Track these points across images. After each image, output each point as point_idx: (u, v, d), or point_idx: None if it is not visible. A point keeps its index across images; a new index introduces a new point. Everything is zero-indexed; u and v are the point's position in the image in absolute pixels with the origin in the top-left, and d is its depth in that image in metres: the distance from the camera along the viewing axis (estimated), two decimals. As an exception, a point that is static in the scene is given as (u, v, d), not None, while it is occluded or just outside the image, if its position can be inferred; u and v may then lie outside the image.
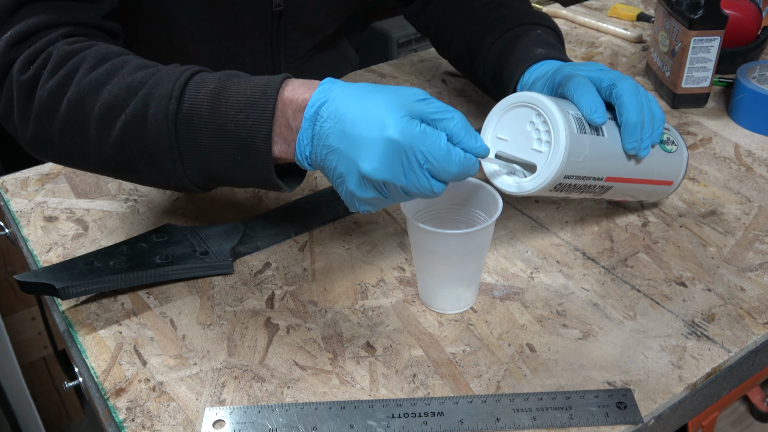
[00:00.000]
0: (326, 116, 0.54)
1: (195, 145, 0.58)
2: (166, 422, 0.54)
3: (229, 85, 0.57)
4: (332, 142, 0.54)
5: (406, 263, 0.68)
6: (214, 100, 0.57)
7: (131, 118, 0.58)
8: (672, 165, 0.70)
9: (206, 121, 0.57)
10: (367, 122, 0.53)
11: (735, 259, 0.68)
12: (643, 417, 0.53)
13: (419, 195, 0.54)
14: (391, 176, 0.53)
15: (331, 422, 0.53)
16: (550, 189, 0.61)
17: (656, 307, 0.63)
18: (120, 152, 0.60)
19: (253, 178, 0.59)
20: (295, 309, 0.64)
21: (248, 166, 0.57)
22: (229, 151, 0.57)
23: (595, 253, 0.69)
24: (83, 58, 0.61)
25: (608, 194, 0.67)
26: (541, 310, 0.63)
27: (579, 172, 0.61)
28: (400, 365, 0.58)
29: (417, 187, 0.53)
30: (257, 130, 0.56)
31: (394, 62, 1.07)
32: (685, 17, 0.86)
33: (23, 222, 0.75)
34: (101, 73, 0.60)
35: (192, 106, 0.57)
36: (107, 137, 0.60)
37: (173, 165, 0.59)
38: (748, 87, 0.87)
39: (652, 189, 0.70)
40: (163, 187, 0.64)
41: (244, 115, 0.56)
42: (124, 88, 0.59)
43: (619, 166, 0.64)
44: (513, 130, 0.62)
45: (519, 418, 0.53)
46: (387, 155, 0.52)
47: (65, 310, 0.64)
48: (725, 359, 0.58)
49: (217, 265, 0.67)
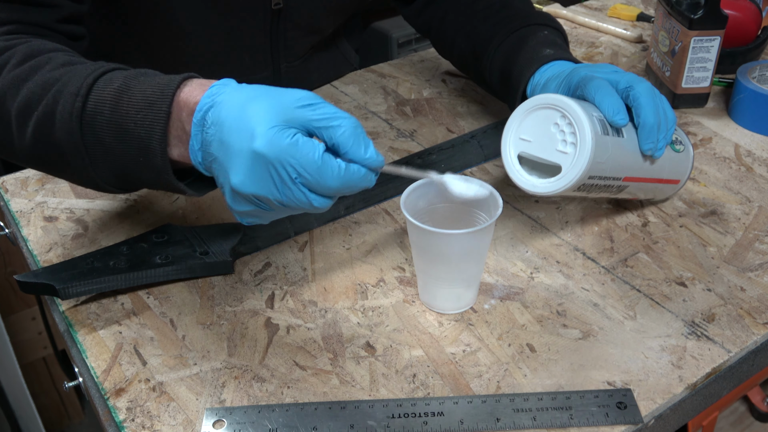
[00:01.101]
0: (210, 122, 0.52)
1: (100, 144, 0.57)
2: (166, 422, 0.54)
3: (133, 84, 0.56)
4: (213, 150, 0.52)
5: (406, 263, 0.68)
6: (117, 99, 0.55)
7: (42, 115, 0.57)
8: (680, 164, 0.72)
9: (108, 119, 0.56)
10: (239, 131, 0.50)
11: (735, 259, 0.68)
12: (643, 417, 0.53)
13: (301, 209, 0.52)
14: (261, 190, 0.50)
15: (331, 422, 0.53)
16: (574, 188, 0.62)
17: (656, 307, 0.63)
18: (37, 150, 0.59)
19: (155, 180, 0.57)
20: (295, 309, 0.64)
21: (148, 167, 0.56)
22: (130, 152, 0.56)
23: (595, 253, 0.69)
24: (13, 54, 0.61)
25: (623, 194, 0.68)
26: (541, 310, 0.63)
27: (602, 173, 0.62)
28: (400, 365, 0.58)
29: (294, 202, 0.51)
30: (153, 131, 0.54)
31: (394, 62, 1.07)
32: (685, 17, 0.86)
33: (23, 222, 0.75)
34: (24, 69, 0.59)
35: (96, 104, 0.56)
36: (25, 134, 0.59)
37: (83, 164, 0.57)
38: (748, 87, 0.87)
39: (662, 188, 0.71)
40: (83, 185, 0.62)
41: (142, 115, 0.55)
42: (41, 84, 0.58)
43: (636, 166, 0.65)
44: (536, 132, 0.63)
45: (519, 418, 0.53)
46: (254, 168, 0.50)
47: (65, 310, 0.64)
48: (725, 359, 0.58)
49: (217, 265, 0.67)
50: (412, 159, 0.81)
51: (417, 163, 0.80)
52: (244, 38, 0.87)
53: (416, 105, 0.95)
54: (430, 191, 0.62)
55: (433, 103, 0.95)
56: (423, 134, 0.89)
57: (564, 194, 0.62)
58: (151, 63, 0.84)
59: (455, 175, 0.60)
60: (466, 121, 0.91)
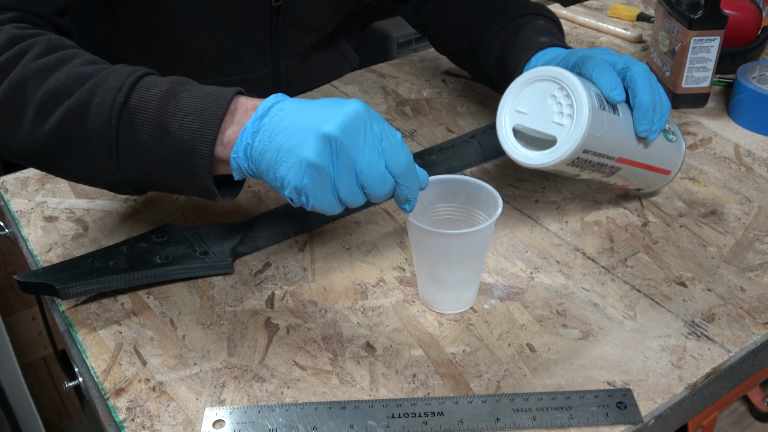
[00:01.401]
0: (276, 111, 0.55)
1: (134, 141, 0.58)
2: (166, 422, 0.54)
3: (180, 90, 0.57)
4: (278, 136, 0.55)
5: (406, 263, 0.68)
6: (164, 101, 0.57)
7: (74, 105, 0.58)
8: (672, 154, 0.72)
9: (152, 119, 0.57)
10: (314, 118, 0.54)
11: (735, 259, 0.68)
12: (643, 417, 0.53)
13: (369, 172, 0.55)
14: (352, 143, 0.54)
15: (331, 422, 0.53)
16: (568, 163, 0.61)
17: (656, 307, 0.63)
18: (53, 141, 0.59)
19: (190, 183, 0.58)
20: (295, 309, 0.64)
21: (186, 168, 0.57)
22: (168, 153, 0.57)
23: (595, 253, 0.69)
24: (33, 44, 0.61)
25: (614, 177, 0.68)
26: (541, 310, 0.63)
27: (596, 148, 0.62)
28: (400, 365, 0.58)
29: (374, 168, 0.54)
30: (203, 133, 0.56)
31: (394, 62, 1.07)
32: (685, 17, 0.86)
33: (23, 222, 0.75)
34: (51, 60, 0.60)
35: (140, 102, 0.57)
36: (43, 123, 0.59)
37: (108, 158, 0.58)
38: (748, 87, 0.87)
39: (653, 176, 0.71)
40: (91, 182, 0.63)
41: (191, 119, 0.56)
42: (73, 77, 0.59)
43: (630, 148, 0.66)
44: (533, 104, 0.63)
45: (519, 418, 0.53)
46: (350, 127, 0.54)
47: (65, 310, 0.64)
48: (725, 359, 0.58)
49: (217, 265, 0.67)
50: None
51: (417, 163, 0.80)
52: (243, 36, 0.88)
53: (416, 105, 0.95)
54: (430, 191, 0.62)
55: (433, 103, 0.95)
56: (423, 134, 0.89)
57: (557, 168, 0.62)
58: (150, 60, 0.84)
59: None
60: (466, 121, 0.91)
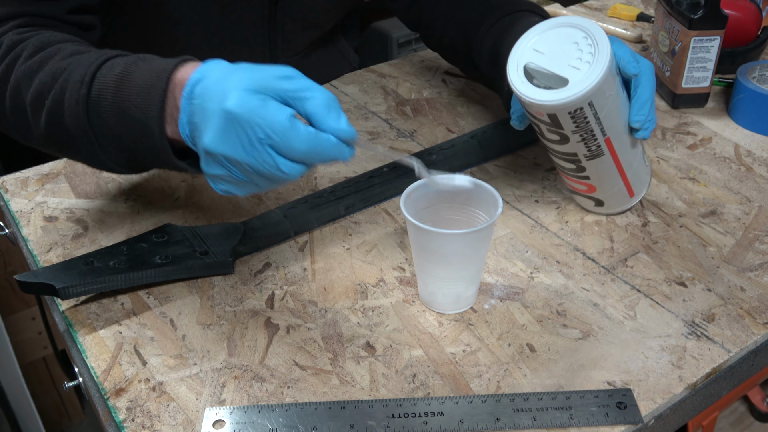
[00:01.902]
0: (197, 94, 0.54)
1: (105, 129, 0.59)
2: (166, 422, 0.54)
3: (133, 69, 0.58)
4: (196, 119, 0.54)
5: (406, 263, 0.68)
6: (118, 84, 0.58)
7: (52, 103, 0.60)
8: (643, 176, 0.72)
9: (111, 104, 0.58)
10: (216, 95, 0.52)
11: (735, 259, 0.68)
12: (643, 417, 0.53)
13: (270, 175, 0.53)
14: (230, 150, 0.52)
15: (331, 422, 0.53)
16: (571, 110, 0.61)
17: (656, 307, 0.63)
18: (51, 136, 0.62)
19: (158, 160, 0.59)
20: (295, 309, 0.64)
21: (150, 148, 0.58)
22: (132, 134, 0.58)
23: (595, 253, 0.69)
24: (25, 46, 0.63)
25: (591, 164, 0.67)
26: (541, 310, 0.63)
27: (599, 109, 0.62)
28: (400, 365, 0.58)
29: (262, 165, 0.52)
30: (150, 111, 0.56)
31: (394, 62, 1.07)
32: (685, 17, 0.86)
33: (23, 222, 0.75)
34: (35, 60, 0.62)
35: (99, 90, 0.58)
36: (39, 122, 0.62)
37: (92, 148, 0.60)
38: (748, 87, 0.87)
39: (619, 189, 0.70)
40: (100, 168, 0.65)
41: (142, 98, 0.56)
42: (51, 74, 0.61)
43: (621, 135, 0.66)
44: (553, 46, 0.63)
45: (519, 418, 0.53)
46: (225, 128, 0.51)
47: (65, 310, 0.64)
48: (725, 359, 0.58)
49: (217, 265, 0.67)
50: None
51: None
52: (241, 31, 0.88)
53: (416, 105, 0.95)
54: (430, 191, 0.62)
55: (433, 103, 0.95)
56: (423, 134, 0.89)
57: (558, 112, 0.62)
58: None
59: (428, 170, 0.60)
60: (466, 121, 0.91)
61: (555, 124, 0.64)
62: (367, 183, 0.77)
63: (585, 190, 0.71)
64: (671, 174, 0.80)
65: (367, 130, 0.90)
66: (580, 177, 0.70)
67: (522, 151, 0.85)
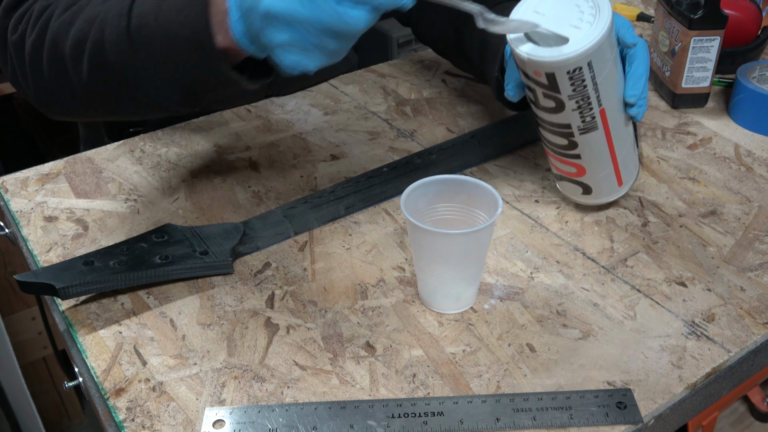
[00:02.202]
0: None
1: (152, 57, 0.58)
2: (166, 422, 0.54)
3: None
4: (248, 2, 0.52)
5: (406, 263, 0.68)
6: (158, 7, 0.58)
7: (92, 46, 0.60)
8: (632, 163, 0.72)
9: (154, 29, 0.57)
10: None
11: (735, 259, 0.68)
12: (643, 417, 0.53)
13: (335, 26, 0.51)
14: (290, 3, 0.50)
15: (331, 422, 0.53)
16: (570, 69, 0.61)
17: (656, 307, 0.63)
18: (96, 84, 0.62)
19: (212, 77, 0.58)
20: (295, 309, 0.64)
21: (201, 63, 0.57)
22: (181, 55, 0.57)
23: (595, 253, 0.69)
24: (55, 7, 0.64)
25: (584, 139, 0.67)
26: (541, 310, 0.63)
27: (598, 73, 0.62)
28: (400, 365, 0.58)
29: (324, 13, 0.50)
30: (197, 24, 0.55)
31: (394, 62, 1.07)
32: (685, 17, 0.86)
33: (23, 222, 0.75)
34: (68, 15, 0.63)
35: (139, 19, 0.58)
36: (81, 72, 0.62)
37: (142, 83, 0.60)
38: (748, 87, 0.87)
39: (608, 173, 0.70)
40: (153, 112, 0.65)
41: (184, 14, 0.56)
42: (87, 21, 0.61)
43: (615, 108, 0.66)
44: (554, 9, 0.63)
45: (519, 418, 0.53)
46: None
47: (65, 310, 0.64)
48: (725, 359, 0.58)
49: (217, 265, 0.67)
50: (412, 159, 0.81)
51: (417, 163, 0.80)
52: None
53: (416, 105, 0.95)
54: (429, 191, 0.62)
55: (433, 103, 0.95)
56: (423, 134, 0.89)
57: (557, 71, 0.61)
58: None
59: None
60: (466, 121, 0.91)
61: (552, 86, 0.63)
62: (367, 183, 0.77)
63: (574, 173, 0.70)
64: (671, 174, 0.80)
65: (367, 130, 0.90)
66: (570, 156, 0.69)
67: (522, 151, 0.85)
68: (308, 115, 0.94)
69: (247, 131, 0.90)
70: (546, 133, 0.69)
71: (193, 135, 0.90)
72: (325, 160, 0.84)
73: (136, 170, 0.83)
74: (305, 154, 0.85)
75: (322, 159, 0.84)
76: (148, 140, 0.89)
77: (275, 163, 0.84)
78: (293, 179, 0.81)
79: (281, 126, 0.91)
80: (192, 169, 0.83)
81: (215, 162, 0.84)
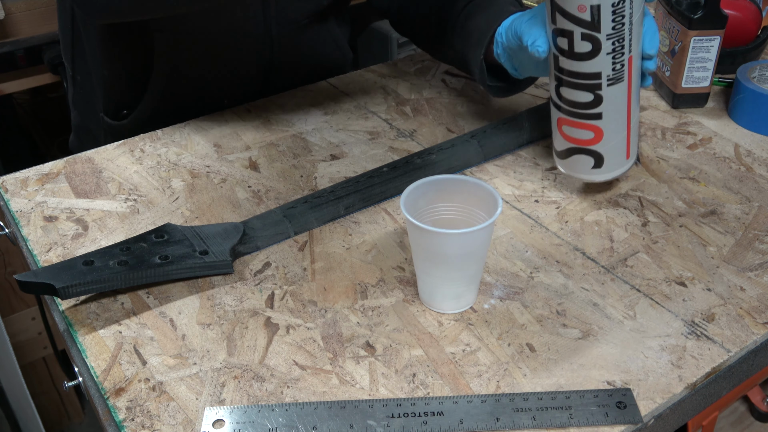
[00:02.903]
0: None
1: None
2: (166, 422, 0.54)
3: None
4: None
5: (406, 263, 0.68)
6: None
7: None
8: (636, 135, 0.74)
9: None
10: None
11: (735, 259, 0.68)
12: (642, 417, 0.53)
13: None
14: None
15: (331, 422, 0.53)
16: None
17: (656, 307, 0.63)
18: None
19: None
20: (295, 309, 0.64)
21: None
22: None
23: (595, 253, 0.69)
24: None
25: (609, 93, 0.67)
26: (541, 309, 0.63)
27: (635, 11, 0.63)
28: (400, 365, 0.58)
29: None
30: None
31: (394, 62, 1.07)
32: (685, 17, 0.86)
33: (23, 222, 0.75)
34: None
35: None
36: None
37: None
38: (748, 87, 0.87)
39: (621, 140, 0.71)
40: None
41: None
42: None
43: (637, 58, 0.68)
44: None
45: (519, 418, 0.53)
46: None
47: (65, 310, 0.64)
48: (725, 359, 0.58)
49: (217, 264, 0.67)
50: (411, 159, 0.81)
51: (416, 163, 0.80)
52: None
53: (416, 105, 0.95)
54: (429, 191, 0.62)
55: (433, 103, 0.95)
56: (423, 134, 0.89)
57: (603, 2, 0.62)
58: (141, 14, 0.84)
59: None
60: (466, 121, 0.91)
61: (593, 24, 0.63)
62: (367, 183, 0.77)
63: (590, 140, 0.70)
64: (671, 174, 0.80)
65: (367, 130, 0.90)
66: (590, 117, 0.69)
67: (522, 151, 0.85)
68: (308, 115, 0.94)
69: (247, 131, 0.90)
70: (569, 90, 0.69)
71: (193, 135, 0.90)
72: (324, 160, 0.84)
73: (136, 170, 0.83)
74: (305, 154, 0.85)
75: (321, 159, 0.84)
76: (148, 140, 0.89)
77: (275, 163, 0.84)
78: (293, 179, 0.81)
79: (281, 126, 0.91)
80: (192, 169, 0.83)
81: (215, 162, 0.84)
